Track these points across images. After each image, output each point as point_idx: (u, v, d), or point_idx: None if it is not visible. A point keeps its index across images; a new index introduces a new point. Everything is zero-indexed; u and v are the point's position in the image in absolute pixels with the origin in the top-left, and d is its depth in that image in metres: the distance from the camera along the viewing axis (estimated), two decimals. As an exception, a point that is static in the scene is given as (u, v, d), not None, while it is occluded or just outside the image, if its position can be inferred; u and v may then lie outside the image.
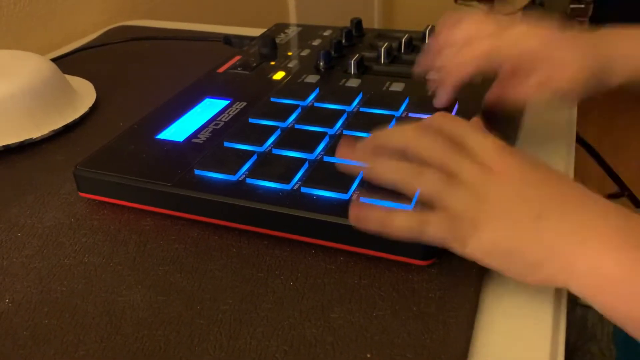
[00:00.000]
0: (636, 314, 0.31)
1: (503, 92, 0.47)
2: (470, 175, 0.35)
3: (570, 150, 0.52)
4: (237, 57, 0.64)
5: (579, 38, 0.46)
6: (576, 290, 0.32)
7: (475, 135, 0.37)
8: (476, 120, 0.40)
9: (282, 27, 0.73)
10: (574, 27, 0.46)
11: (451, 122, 0.38)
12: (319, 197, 0.40)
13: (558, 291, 0.37)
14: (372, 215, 0.36)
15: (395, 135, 0.39)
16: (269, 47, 0.65)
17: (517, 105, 0.46)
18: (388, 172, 0.37)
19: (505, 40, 0.45)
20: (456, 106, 0.49)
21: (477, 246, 0.34)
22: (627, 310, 0.31)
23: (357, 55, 0.59)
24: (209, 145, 0.46)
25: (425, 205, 0.35)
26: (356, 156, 0.38)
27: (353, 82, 0.56)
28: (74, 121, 0.59)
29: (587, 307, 0.65)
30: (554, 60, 0.45)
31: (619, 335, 0.68)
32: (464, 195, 0.34)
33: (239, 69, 0.61)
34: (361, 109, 0.51)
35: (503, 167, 0.35)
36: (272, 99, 0.53)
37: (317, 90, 0.54)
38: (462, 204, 0.34)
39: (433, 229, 0.35)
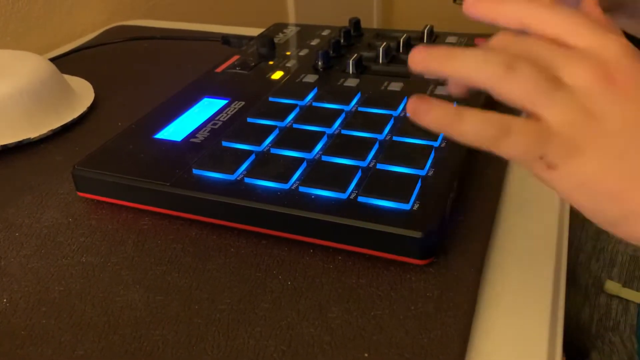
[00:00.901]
0: None
1: None
2: (583, 80, 0.26)
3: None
4: (236, 57, 0.64)
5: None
6: None
7: (596, 30, 0.27)
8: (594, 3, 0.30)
9: (280, 26, 0.73)
10: None
11: (560, 13, 0.28)
12: (317, 197, 0.40)
13: (556, 291, 0.38)
14: (436, 109, 0.28)
15: (492, 41, 0.29)
16: (268, 46, 0.65)
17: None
18: (471, 67, 0.28)
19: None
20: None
21: (568, 176, 0.26)
22: None
23: (356, 55, 0.59)
24: (207, 145, 0.46)
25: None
26: (434, 58, 0.29)
27: (351, 82, 0.56)
28: (73, 121, 0.59)
29: (612, 296, 0.64)
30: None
31: None
32: (570, 107, 0.26)
33: (237, 68, 0.61)
34: (359, 109, 0.51)
35: (628, 79, 0.26)
36: (271, 99, 0.53)
37: (315, 90, 0.54)
38: (565, 117, 0.26)
39: (515, 140, 0.26)
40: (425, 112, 0.28)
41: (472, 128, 0.27)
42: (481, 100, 0.48)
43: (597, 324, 0.63)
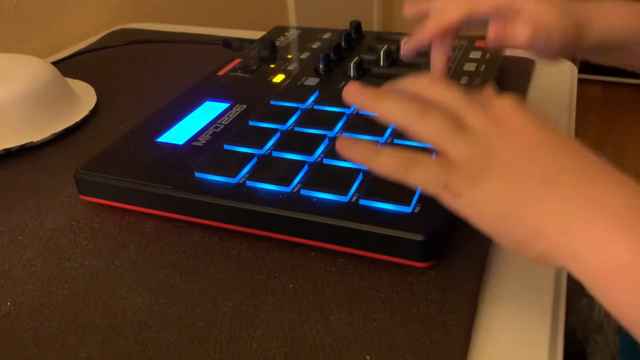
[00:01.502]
0: (638, 305, 0.27)
1: (501, 34, 0.45)
2: (480, 124, 0.32)
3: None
4: (237, 60, 0.64)
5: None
6: (575, 271, 0.28)
7: (490, 93, 0.34)
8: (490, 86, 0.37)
9: (281, 29, 0.73)
10: None
11: (460, 88, 0.35)
12: (319, 200, 0.40)
13: (557, 293, 0.38)
14: (357, 147, 0.34)
15: (407, 82, 0.36)
16: (269, 50, 0.65)
17: (517, 45, 0.45)
18: (392, 110, 0.34)
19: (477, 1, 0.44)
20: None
21: (470, 202, 0.31)
22: (628, 300, 0.27)
23: (357, 57, 0.59)
24: (209, 148, 0.47)
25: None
26: (363, 97, 0.36)
27: (352, 85, 0.56)
28: (75, 124, 0.60)
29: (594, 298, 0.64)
30: (533, 12, 0.44)
31: (624, 330, 0.68)
32: (471, 144, 0.31)
33: (238, 72, 0.61)
34: (361, 112, 0.51)
35: (518, 124, 0.32)
36: (272, 102, 0.53)
37: (316, 93, 0.55)
38: (466, 151, 0.31)
39: (422, 172, 0.32)
40: (349, 149, 0.34)
41: (385, 162, 0.33)
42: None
43: (581, 327, 0.64)
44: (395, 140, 0.46)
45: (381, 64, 0.60)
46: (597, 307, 0.65)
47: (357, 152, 0.34)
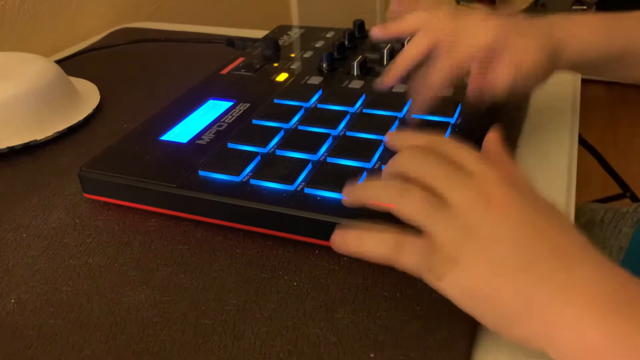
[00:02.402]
0: None
1: (481, 84, 0.46)
2: (462, 201, 0.32)
3: (572, 152, 0.52)
4: (241, 59, 0.65)
5: (531, 25, 0.46)
6: (553, 355, 0.29)
7: (478, 161, 0.34)
8: (492, 137, 0.37)
9: (284, 28, 0.73)
10: (523, 16, 0.47)
11: (448, 144, 0.36)
12: (323, 198, 0.40)
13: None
14: (349, 237, 0.35)
15: (396, 159, 0.37)
16: (272, 48, 0.65)
17: (499, 92, 0.45)
18: (374, 195, 0.35)
19: (461, 45, 0.45)
20: (459, 108, 0.49)
21: (452, 284, 0.31)
22: None
23: (360, 56, 0.59)
24: (213, 147, 0.47)
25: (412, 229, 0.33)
26: (354, 191, 0.37)
27: (356, 84, 0.56)
28: (78, 123, 0.60)
29: None
30: (512, 49, 0.44)
31: None
32: (450, 225, 0.31)
33: (242, 70, 0.61)
34: (364, 110, 0.51)
35: (502, 201, 0.32)
36: (276, 101, 0.53)
37: (320, 92, 0.55)
38: (446, 234, 0.31)
39: (408, 255, 0.32)
40: (338, 242, 0.35)
41: (373, 246, 0.34)
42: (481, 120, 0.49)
43: None
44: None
45: (384, 63, 0.60)
46: None
47: (347, 243, 0.35)
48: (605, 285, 0.29)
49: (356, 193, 0.37)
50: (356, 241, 0.35)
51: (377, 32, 0.50)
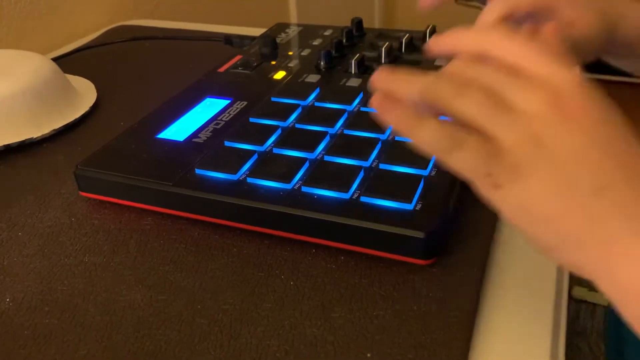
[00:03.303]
0: None
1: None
2: (533, 106, 0.27)
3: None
4: (238, 57, 0.64)
5: None
6: (607, 290, 0.27)
7: (552, 60, 0.29)
8: (553, 31, 0.33)
9: (282, 26, 0.73)
10: None
11: (516, 43, 0.30)
12: (320, 197, 0.40)
13: (559, 291, 0.37)
14: (399, 111, 0.29)
15: (448, 67, 0.31)
16: (270, 46, 0.65)
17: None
18: (425, 87, 0.30)
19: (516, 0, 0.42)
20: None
21: (510, 196, 0.27)
22: None
23: (358, 54, 0.59)
24: (209, 145, 0.46)
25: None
26: (394, 80, 0.31)
27: (354, 82, 0.56)
28: (75, 121, 0.59)
29: (581, 302, 0.64)
30: (566, 15, 0.42)
31: (612, 333, 0.68)
32: (518, 128, 0.27)
33: (239, 68, 0.61)
34: (362, 109, 0.51)
35: (579, 109, 0.27)
36: (273, 99, 0.53)
37: (317, 90, 0.54)
38: (513, 137, 0.27)
39: (465, 154, 0.28)
40: (389, 110, 0.30)
41: (428, 136, 0.29)
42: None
43: (567, 332, 0.64)
44: (397, 137, 0.45)
45: (382, 61, 0.60)
46: (582, 311, 0.65)
47: (398, 118, 0.29)
48: None
49: (399, 81, 0.31)
50: (411, 119, 0.29)
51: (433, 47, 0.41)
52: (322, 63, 0.60)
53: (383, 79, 0.31)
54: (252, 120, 0.50)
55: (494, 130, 0.28)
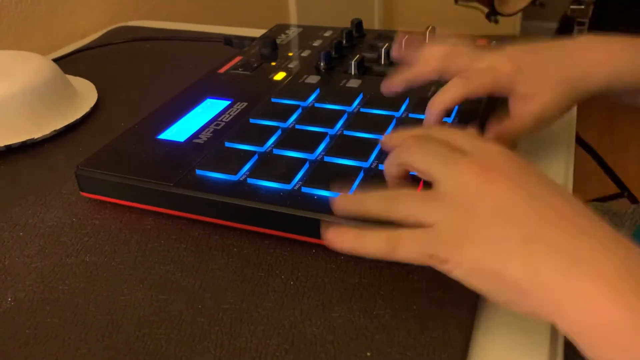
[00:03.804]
0: None
1: (501, 130, 0.45)
2: (456, 182, 0.32)
3: (570, 151, 0.52)
4: (238, 58, 0.64)
5: (549, 56, 0.45)
6: (562, 328, 0.28)
7: (473, 140, 0.34)
8: (472, 129, 0.38)
9: (282, 27, 0.73)
10: (540, 42, 0.46)
11: (447, 131, 0.36)
12: (320, 197, 0.40)
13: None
14: (345, 236, 0.35)
15: (394, 151, 0.37)
16: (270, 47, 0.65)
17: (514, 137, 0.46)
18: (367, 207, 0.35)
19: (474, 80, 0.44)
20: (455, 109, 0.49)
21: (458, 266, 0.31)
22: (612, 357, 0.27)
23: (358, 55, 0.59)
24: (210, 146, 0.47)
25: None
26: (347, 203, 0.37)
27: (353, 83, 0.56)
28: (76, 121, 0.60)
29: None
30: (525, 90, 0.44)
31: None
32: (447, 208, 0.31)
33: (239, 69, 0.61)
34: (362, 110, 0.51)
35: (498, 173, 0.31)
36: (273, 100, 0.53)
37: (317, 91, 0.55)
38: (443, 217, 0.31)
39: (406, 247, 0.32)
40: (335, 241, 0.35)
41: (371, 246, 0.33)
42: (482, 105, 0.49)
43: None
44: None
45: (382, 62, 0.60)
46: None
47: (344, 241, 0.34)
48: (613, 257, 0.28)
49: (349, 206, 0.37)
50: (354, 239, 0.34)
51: (388, 87, 0.49)
52: (322, 64, 0.60)
53: (337, 206, 0.37)
54: (252, 121, 0.50)
55: (426, 217, 0.32)
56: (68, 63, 0.74)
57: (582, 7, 1.91)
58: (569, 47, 0.46)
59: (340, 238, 0.35)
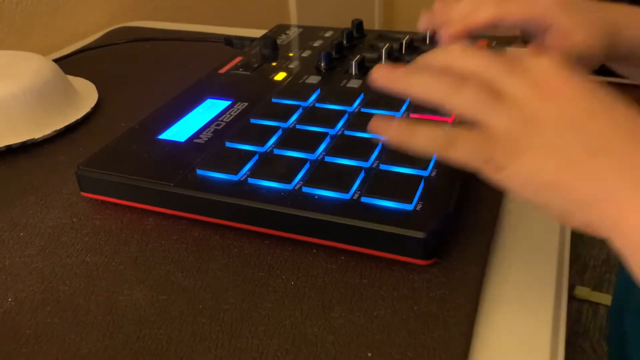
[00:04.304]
0: None
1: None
2: (521, 92, 0.30)
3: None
4: (239, 58, 0.64)
5: (583, 5, 0.45)
6: (617, 244, 0.27)
7: (531, 54, 0.32)
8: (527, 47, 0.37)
9: (283, 28, 0.73)
10: None
11: (497, 46, 0.35)
12: (321, 197, 0.40)
13: (559, 290, 0.38)
14: (393, 126, 0.33)
15: (438, 54, 0.34)
16: (270, 48, 0.65)
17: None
18: (425, 87, 0.32)
19: (509, 6, 0.43)
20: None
21: (514, 174, 0.29)
22: None
23: (358, 56, 0.59)
24: (210, 146, 0.47)
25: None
26: (393, 77, 0.34)
27: (354, 83, 0.56)
28: (76, 121, 0.60)
29: (583, 301, 0.64)
30: (561, 28, 0.43)
31: (614, 333, 0.68)
32: (511, 114, 0.30)
33: (240, 69, 0.61)
34: (362, 110, 0.51)
35: (563, 87, 0.30)
36: (274, 100, 0.53)
37: (318, 91, 0.54)
38: (506, 122, 0.30)
39: (462, 147, 0.31)
40: (384, 128, 0.33)
41: (424, 140, 0.32)
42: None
43: (568, 331, 0.64)
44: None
45: (383, 63, 0.60)
46: (585, 310, 0.65)
47: (394, 131, 0.33)
48: None
49: (398, 79, 0.34)
50: (406, 129, 0.32)
51: (447, 38, 0.45)
52: (322, 64, 0.60)
53: (382, 77, 0.34)
54: (252, 121, 0.50)
55: (487, 119, 0.30)
56: (69, 63, 0.74)
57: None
58: (613, 4, 0.45)
59: (390, 127, 0.33)
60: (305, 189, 0.41)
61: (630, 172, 0.27)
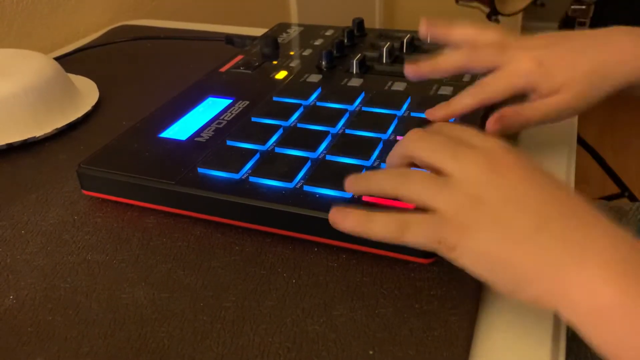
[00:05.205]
0: (627, 350, 0.27)
1: (512, 116, 0.45)
2: (467, 172, 0.32)
3: (571, 151, 0.52)
4: (240, 57, 0.64)
5: (574, 47, 0.45)
6: (566, 315, 0.29)
7: (481, 137, 0.35)
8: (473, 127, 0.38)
9: (284, 26, 0.73)
10: (563, 32, 0.46)
11: (452, 126, 0.37)
12: (322, 195, 0.40)
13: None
14: (351, 217, 0.34)
15: (399, 145, 0.37)
16: (271, 46, 0.65)
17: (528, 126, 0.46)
18: (378, 183, 0.35)
19: (489, 82, 0.44)
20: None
21: (465, 251, 0.31)
22: (616, 341, 0.27)
23: (359, 54, 0.59)
24: (212, 144, 0.47)
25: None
26: (356, 185, 0.37)
27: (355, 82, 0.56)
28: (77, 120, 0.60)
29: None
30: (544, 92, 0.44)
31: None
32: (457, 196, 0.32)
33: (241, 68, 0.61)
34: (363, 108, 0.51)
35: (508, 166, 0.32)
36: (275, 98, 0.53)
37: (319, 90, 0.55)
38: (454, 204, 0.32)
39: (415, 231, 0.32)
40: (341, 219, 0.35)
41: (379, 228, 0.33)
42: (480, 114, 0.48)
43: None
44: (399, 137, 0.46)
45: (384, 61, 0.60)
46: None
47: (350, 222, 0.34)
48: (617, 247, 0.29)
49: (359, 184, 0.37)
50: (361, 220, 0.34)
51: (411, 72, 0.48)
52: (323, 63, 0.60)
53: (348, 182, 0.37)
54: (254, 119, 0.50)
55: (435, 204, 0.32)
56: (70, 62, 0.74)
57: (583, 7, 1.91)
58: (596, 38, 0.45)
59: (346, 219, 0.35)
60: (306, 188, 0.41)
61: (573, 248, 0.29)
